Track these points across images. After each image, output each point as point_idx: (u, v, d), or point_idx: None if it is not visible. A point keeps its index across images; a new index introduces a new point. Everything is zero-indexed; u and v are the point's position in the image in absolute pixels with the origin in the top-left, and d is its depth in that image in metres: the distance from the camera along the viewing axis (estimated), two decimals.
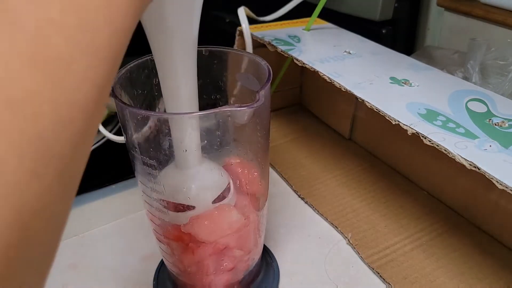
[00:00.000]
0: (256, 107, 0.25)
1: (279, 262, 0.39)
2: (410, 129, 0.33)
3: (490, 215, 0.41)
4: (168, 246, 0.32)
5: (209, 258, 0.31)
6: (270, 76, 0.29)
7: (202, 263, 0.32)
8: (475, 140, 0.32)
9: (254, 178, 0.32)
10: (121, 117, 0.28)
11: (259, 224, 0.33)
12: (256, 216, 0.32)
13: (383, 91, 0.38)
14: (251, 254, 0.34)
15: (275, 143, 0.56)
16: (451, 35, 0.64)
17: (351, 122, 0.56)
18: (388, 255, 0.39)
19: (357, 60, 0.45)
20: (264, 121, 0.30)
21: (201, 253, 0.31)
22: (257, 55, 0.32)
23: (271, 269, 0.38)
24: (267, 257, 0.39)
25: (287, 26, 0.54)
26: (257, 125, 0.29)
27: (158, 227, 0.32)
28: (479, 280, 0.37)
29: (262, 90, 0.26)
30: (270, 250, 0.40)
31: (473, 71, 0.54)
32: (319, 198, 0.47)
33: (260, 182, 0.32)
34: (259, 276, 0.37)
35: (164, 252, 0.33)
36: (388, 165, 0.52)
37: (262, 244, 0.36)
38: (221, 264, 0.32)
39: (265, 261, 0.39)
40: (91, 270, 0.39)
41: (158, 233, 0.32)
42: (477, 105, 0.36)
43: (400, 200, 0.46)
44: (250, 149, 0.31)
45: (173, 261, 0.33)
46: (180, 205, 0.30)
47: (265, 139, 0.31)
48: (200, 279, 0.33)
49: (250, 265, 0.35)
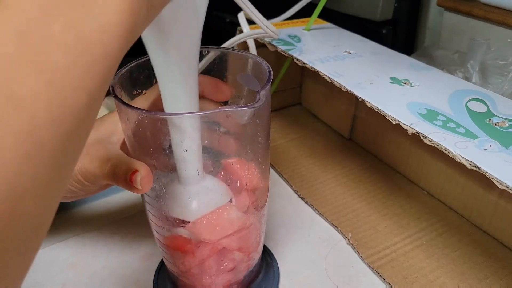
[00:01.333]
0: (256, 108, 0.25)
1: (279, 262, 0.39)
2: (410, 129, 0.33)
3: (490, 215, 0.41)
4: (168, 249, 0.32)
5: (209, 259, 0.31)
6: (270, 76, 0.29)
7: (203, 264, 0.32)
8: (475, 140, 0.32)
9: (254, 177, 0.32)
10: (121, 117, 0.28)
11: (259, 224, 0.33)
12: (256, 216, 0.32)
13: (384, 91, 0.38)
14: (251, 254, 0.34)
15: (275, 143, 0.56)
16: (451, 35, 0.64)
17: (351, 122, 0.56)
18: (388, 255, 0.39)
19: (358, 60, 0.45)
20: (265, 121, 0.30)
21: (202, 254, 0.31)
22: (258, 56, 0.32)
23: (271, 269, 0.38)
24: (267, 257, 0.39)
25: (287, 26, 0.54)
26: (257, 125, 0.29)
27: (159, 235, 0.32)
28: (479, 280, 0.37)
29: (263, 90, 0.26)
30: (270, 250, 0.40)
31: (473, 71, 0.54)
32: (319, 198, 0.47)
33: (260, 182, 0.32)
34: (259, 276, 0.37)
35: (164, 253, 0.33)
36: (388, 165, 0.52)
37: (262, 244, 0.36)
38: (221, 264, 0.32)
39: (265, 261, 0.39)
40: (91, 270, 0.39)
41: (159, 240, 0.32)
42: (477, 105, 0.36)
43: (400, 200, 0.46)
44: (251, 149, 0.31)
45: (173, 261, 0.33)
46: (179, 220, 0.30)
47: (265, 139, 0.31)
48: (201, 280, 0.33)
49: (251, 265, 0.35)
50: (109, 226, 0.44)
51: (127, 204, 0.46)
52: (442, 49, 0.60)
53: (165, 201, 0.30)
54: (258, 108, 0.25)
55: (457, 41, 0.63)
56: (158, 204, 0.30)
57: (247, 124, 0.28)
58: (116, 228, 0.44)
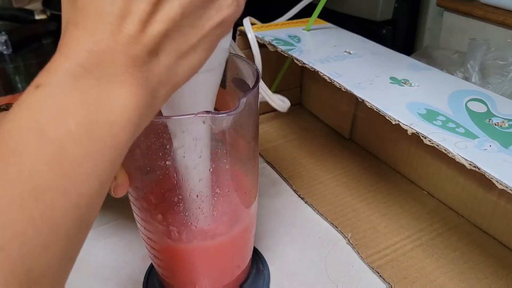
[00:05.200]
0: (234, 114, 0.24)
1: (279, 263, 0.39)
2: (410, 129, 0.33)
3: (490, 215, 0.41)
4: (157, 253, 0.32)
5: (199, 261, 0.31)
6: (257, 81, 0.28)
7: (193, 266, 0.31)
8: (475, 140, 0.32)
9: (240, 180, 0.31)
10: None
11: (250, 225, 0.33)
12: (247, 216, 0.32)
13: (383, 91, 0.38)
14: (242, 255, 0.33)
15: (275, 143, 0.56)
16: (451, 35, 0.64)
17: (351, 122, 0.56)
18: (388, 255, 0.39)
19: (357, 60, 0.45)
20: (249, 127, 0.29)
21: (191, 258, 0.31)
22: (249, 59, 0.31)
23: (261, 275, 0.38)
24: (258, 262, 0.39)
25: (287, 26, 0.54)
26: (238, 132, 0.28)
27: (148, 239, 0.31)
28: (479, 280, 0.37)
29: (244, 98, 0.25)
30: (270, 250, 0.40)
31: (473, 71, 0.54)
32: (319, 198, 0.47)
33: (246, 190, 0.31)
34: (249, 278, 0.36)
35: (153, 256, 0.33)
36: (388, 165, 0.52)
37: (252, 245, 0.35)
38: (211, 266, 0.32)
39: (255, 264, 0.38)
40: (91, 270, 0.39)
41: (148, 244, 0.32)
42: (477, 105, 0.36)
43: (400, 200, 0.46)
44: (236, 153, 0.30)
45: (163, 265, 0.33)
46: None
47: (250, 144, 0.30)
48: (190, 283, 0.33)
49: (241, 267, 0.34)
50: (109, 226, 0.44)
51: (127, 204, 0.46)
52: (442, 49, 0.61)
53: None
54: (236, 115, 0.24)
55: (456, 41, 0.63)
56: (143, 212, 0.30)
57: (228, 129, 0.27)
58: (116, 228, 0.44)
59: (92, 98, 0.18)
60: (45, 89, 0.17)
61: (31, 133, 0.16)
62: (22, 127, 0.17)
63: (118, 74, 0.18)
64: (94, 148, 0.18)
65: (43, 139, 0.16)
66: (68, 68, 0.17)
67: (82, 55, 0.18)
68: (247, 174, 0.31)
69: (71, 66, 0.17)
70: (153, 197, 0.30)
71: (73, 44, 0.18)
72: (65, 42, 0.18)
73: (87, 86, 0.18)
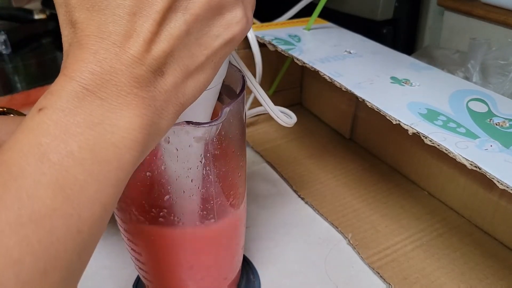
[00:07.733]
0: (216, 125, 0.23)
1: (279, 263, 0.39)
2: (411, 129, 0.33)
3: (491, 215, 0.41)
4: (143, 265, 0.32)
5: (185, 271, 0.31)
6: (242, 90, 0.27)
7: (179, 279, 0.31)
8: (476, 140, 0.31)
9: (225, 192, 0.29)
10: None
11: (237, 236, 0.32)
12: (233, 228, 0.31)
13: (384, 91, 0.38)
14: (229, 267, 0.33)
15: (275, 143, 0.56)
16: (451, 35, 0.64)
17: (351, 122, 0.56)
18: (389, 255, 0.39)
19: (358, 60, 0.45)
20: (235, 137, 0.27)
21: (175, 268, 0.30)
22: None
23: (251, 284, 0.37)
24: (249, 272, 0.38)
25: (287, 25, 0.54)
26: (222, 142, 0.27)
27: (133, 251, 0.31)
28: (480, 280, 0.37)
29: (227, 107, 0.24)
30: (270, 251, 0.40)
31: (473, 71, 0.54)
32: (319, 198, 0.47)
33: (232, 203, 0.30)
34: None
35: (137, 266, 0.33)
36: (388, 165, 0.51)
37: (241, 256, 0.34)
38: (196, 278, 0.31)
39: (245, 275, 0.38)
40: (91, 270, 0.39)
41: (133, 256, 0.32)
42: (477, 105, 0.36)
43: (401, 200, 0.46)
44: (221, 164, 0.28)
45: (149, 278, 0.33)
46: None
47: (236, 154, 0.28)
48: None
49: (228, 278, 0.33)
50: (109, 226, 0.43)
51: None
52: (443, 49, 0.60)
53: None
54: (218, 125, 0.23)
55: (457, 41, 0.63)
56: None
57: (209, 141, 0.26)
58: (116, 228, 0.43)
59: (96, 120, 0.17)
60: (48, 112, 0.17)
61: (32, 156, 0.16)
62: (24, 151, 0.16)
63: (123, 95, 0.18)
64: (98, 171, 0.17)
65: (44, 163, 0.16)
66: (71, 90, 0.17)
67: (85, 76, 0.17)
68: (233, 185, 0.30)
69: (74, 87, 0.17)
70: (135, 208, 0.29)
71: (76, 65, 0.17)
72: (69, 63, 0.18)
73: (91, 108, 0.17)
